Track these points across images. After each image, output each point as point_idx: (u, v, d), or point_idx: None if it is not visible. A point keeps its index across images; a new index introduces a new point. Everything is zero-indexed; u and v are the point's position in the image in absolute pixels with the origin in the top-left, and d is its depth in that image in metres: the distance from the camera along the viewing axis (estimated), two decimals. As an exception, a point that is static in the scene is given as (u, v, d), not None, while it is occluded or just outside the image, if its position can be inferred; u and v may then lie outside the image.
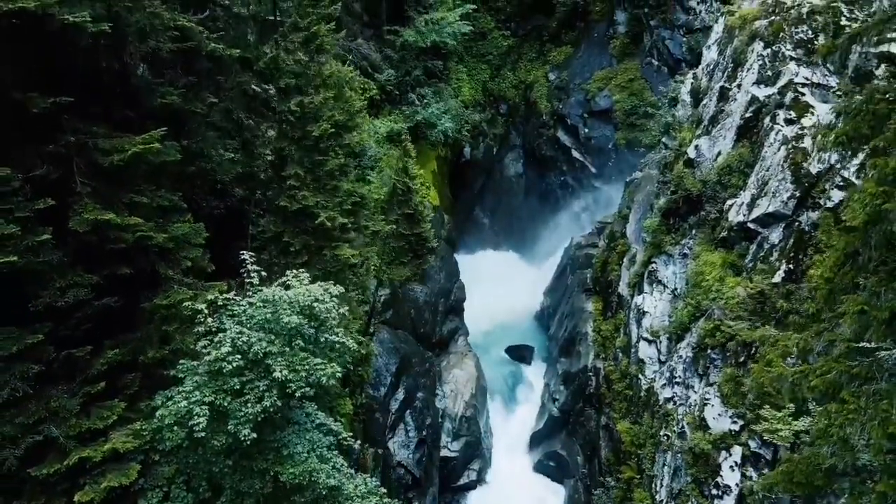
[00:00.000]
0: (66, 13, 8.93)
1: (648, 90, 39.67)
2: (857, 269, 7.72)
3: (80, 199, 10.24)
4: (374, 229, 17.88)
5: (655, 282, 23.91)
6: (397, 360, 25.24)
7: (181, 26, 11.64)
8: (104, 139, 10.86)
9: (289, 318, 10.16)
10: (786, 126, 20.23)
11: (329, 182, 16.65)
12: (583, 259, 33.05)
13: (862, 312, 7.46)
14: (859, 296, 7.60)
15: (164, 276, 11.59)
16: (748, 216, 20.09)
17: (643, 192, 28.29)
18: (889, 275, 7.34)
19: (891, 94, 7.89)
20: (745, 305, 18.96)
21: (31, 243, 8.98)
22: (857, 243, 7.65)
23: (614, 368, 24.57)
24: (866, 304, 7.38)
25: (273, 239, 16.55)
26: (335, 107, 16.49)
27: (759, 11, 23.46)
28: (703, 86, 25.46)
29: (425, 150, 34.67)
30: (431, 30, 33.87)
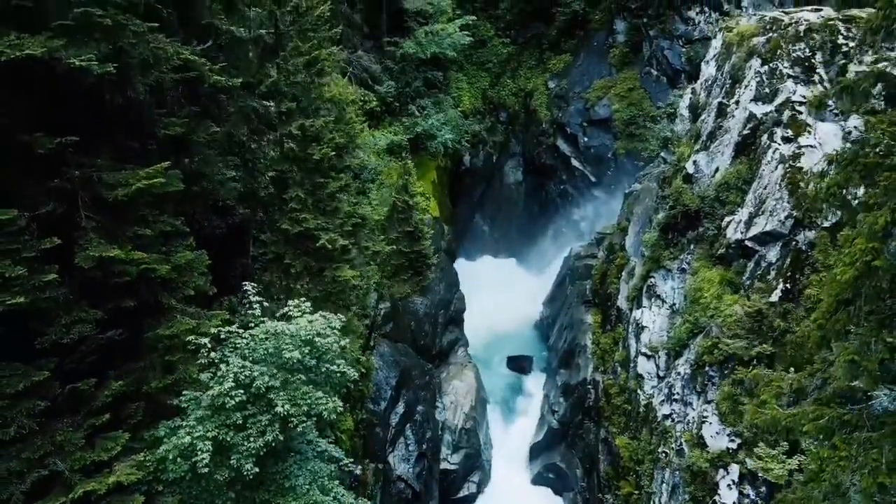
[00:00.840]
0: (72, 56, 9.07)
1: (648, 100, 39.83)
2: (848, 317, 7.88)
3: (84, 233, 10.38)
4: (374, 249, 18.03)
5: (654, 296, 24.05)
6: (397, 374, 25.36)
7: (184, 59, 11.78)
8: (108, 172, 11.00)
9: (291, 354, 10.30)
10: (783, 144, 20.37)
11: (330, 203, 16.80)
12: (582, 270, 33.18)
13: (852, 362, 7.61)
14: (850, 344, 7.74)
15: (167, 305, 11.73)
16: (746, 234, 20.23)
17: (642, 205, 28.42)
18: (879, 325, 7.50)
19: (880, 147, 8.03)
20: (743, 324, 19.10)
21: (37, 283, 9.12)
22: (848, 294, 7.80)
23: (613, 382, 24.71)
24: (857, 353, 7.53)
25: (274, 260, 16.70)
26: (336, 129, 16.64)
27: (756, 28, 23.60)
28: (702, 101, 25.59)
29: (425, 160, 34.83)
30: (431, 41, 34.03)
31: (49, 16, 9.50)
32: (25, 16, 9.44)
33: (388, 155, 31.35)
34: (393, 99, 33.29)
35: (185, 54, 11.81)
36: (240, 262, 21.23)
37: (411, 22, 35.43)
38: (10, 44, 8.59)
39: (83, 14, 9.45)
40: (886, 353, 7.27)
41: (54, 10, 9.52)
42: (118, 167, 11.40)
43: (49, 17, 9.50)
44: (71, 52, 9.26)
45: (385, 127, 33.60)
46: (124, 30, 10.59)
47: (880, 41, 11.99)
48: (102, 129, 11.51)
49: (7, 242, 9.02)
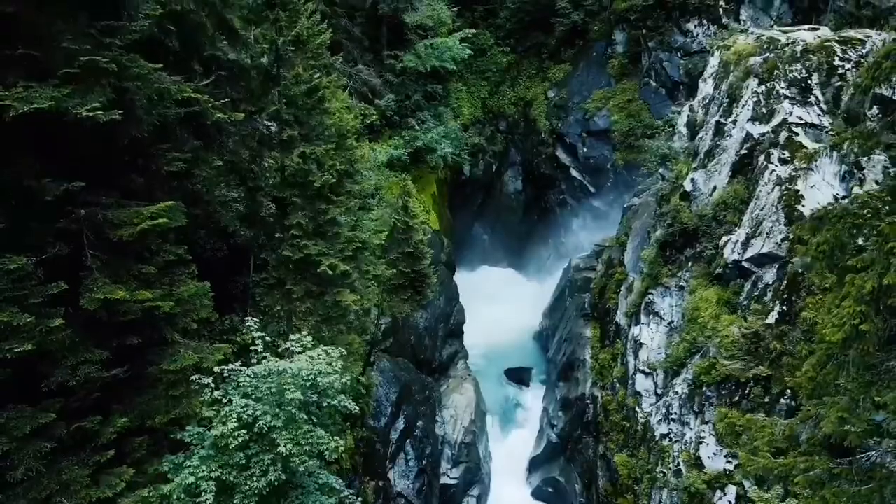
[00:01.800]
0: (79, 106, 9.25)
1: (646, 111, 40.02)
2: (837, 371, 8.05)
3: (90, 273, 10.55)
4: (375, 273, 18.21)
5: (652, 313, 24.22)
6: (398, 390, 25.54)
7: (188, 97, 11.96)
8: (113, 209, 11.17)
9: (293, 395, 10.48)
10: (780, 166, 20.55)
11: (330, 229, 16.98)
12: (581, 282, 33.37)
13: (842, 419, 7.79)
14: (840, 400, 7.92)
15: (170, 339, 11.91)
16: (743, 255, 20.41)
17: (640, 220, 28.59)
18: (867, 384, 7.67)
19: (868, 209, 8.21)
20: (740, 345, 19.28)
21: (44, 328, 9.30)
22: (837, 353, 7.98)
23: (612, 398, 24.89)
24: (846, 411, 7.71)
25: (276, 285, 16.87)
26: (336, 156, 16.81)
27: (753, 48, 23.77)
28: (699, 119, 25.77)
29: (425, 173, 35.03)
30: (431, 55, 34.20)
31: (56, 63, 9.69)
32: (32, 63, 9.63)
33: (389, 169, 31.54)
34: (393, 112, 33.47)
35: (188, 92, 11.98)
36: (241, 280, 21.50)
37: (411, 35, 35.60)
38: (18, 97, 8.76)
39: (89, 62, 9.63)
40: (874, 411, 7.44)
41: (61, 57, 9.70)
42: (123, 203, 11.58)
43: (56, 65, 9.69)
44: (77, 101, 9.43)
45: (385, 140, 33.79)
46: (129, 71, 10.78)
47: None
48: (107, 166, 11.69)
49: (15, 289, 9.19)
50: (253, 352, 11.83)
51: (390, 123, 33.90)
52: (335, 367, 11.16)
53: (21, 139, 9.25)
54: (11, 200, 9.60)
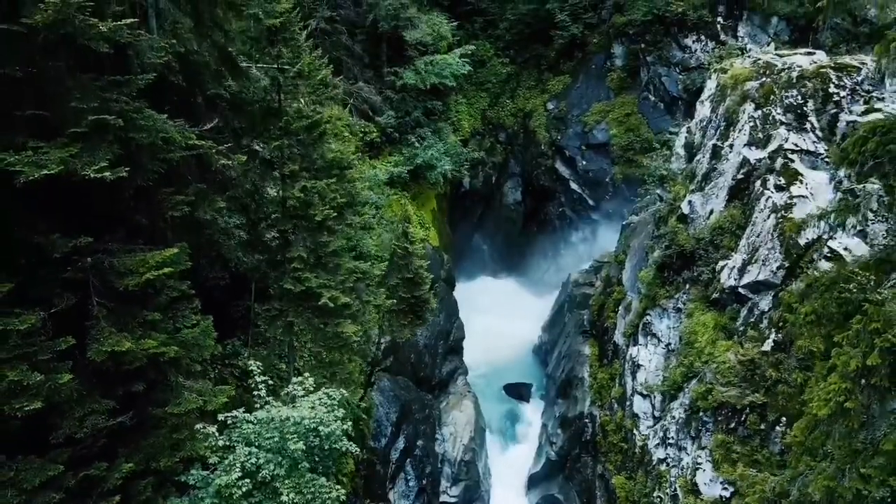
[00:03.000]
0: (87, 166, 9.48)
1: (645, 126, 40.28)
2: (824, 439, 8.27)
3: (96, 322, 10.77)
4: (376, 303, 18.45)
5: (650, 334, 24.45)
6: (398, 409, 25.78)
7: (192, 144, 12.19)
8: (119, 256, 11.39)
9: (296, 446, 10.70)
10: (776, 192, 20.78)
11: (332, 260, 17.20)
12: (580, 298, 33.60)
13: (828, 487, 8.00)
14: (827, 467, 8.14)
15: (174, 382, 12.13)
16: (739, 281, 20.63)
17: (638, 238, 28.81)
18: (853, 454, 7.88)
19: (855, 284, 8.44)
20: (736, 371, 19.51)
21: (53, 385, 9.52)
22: (824, 425, 8.19)
23: (610, 419, 25.11)
24: (832, 480, 7.93)
25: (277, 317, 17.10)
26: (337, 188, 17.04)
27: (750, 72, 24.01)
28: (697, 141, 26.01)
29: (425, 189, 35.24)
30: (431, 72, 34.42)
31: (64, 121, 9.91)
32: (40, 123, 9.86)
33: (389, 187, 31.79)
34: (393, 129, 33.70)
35: (192, 139, 12.20)
36: (242, 304, 21.72)
37: (411, 51, 35.80)
38: (28, 161, 8.99)
39: (96, 121, 9.86)
40: (860, 482, 7.65)
41: (69, 115, 9.93)
42: (129, 248, 11.81)
43: (64, 123, 9.91)
44: (86, 160, 9.66)
45: (385, 156, 34.04)
46: (135, 123, 11.02)
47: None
48: (113, 214, 11.91)
49: (24, 345, 9.41)
50: (256, 396, 12.05)
51: (390, 140, 34.14)
52: (336, 414, 11.38)
53: (30, 198, 9.46)
54: (21, 260, 9.83)
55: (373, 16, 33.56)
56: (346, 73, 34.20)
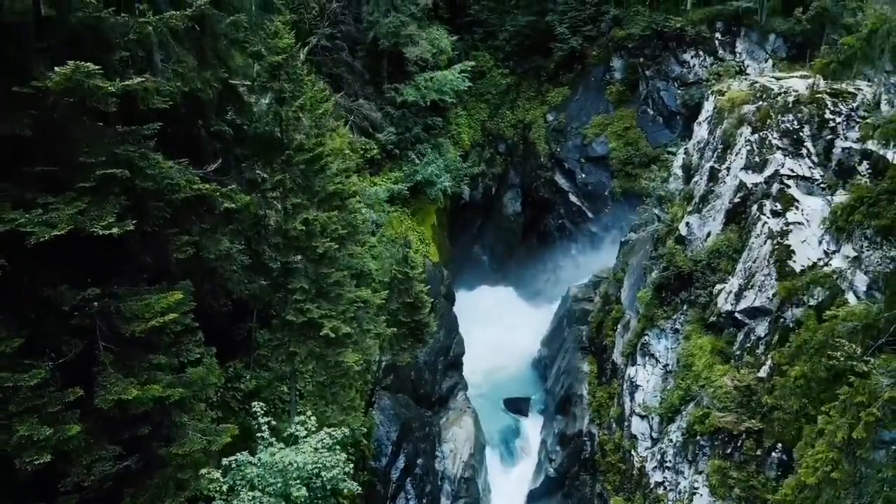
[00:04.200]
0: (95, 222, 9.71)
1: (644, 139, 40.49)
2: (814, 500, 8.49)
3: (103, 368, 11.00)
4: (377, 332, 18.67)
5: (648, 355, 24.68)
6: (398, 428, 25.99)
7: (196, 189, 12.41)
8: (125, 300, 11.62)
9: (298, 493, 10.94)
10: (772, 218, 20.99)
11: (333, 290, 17.42)
12: (579, 314, 33.82)
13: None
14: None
15: (179, 423, 12.36)
16: (735, 306, 20.85)
17: (637, 256, 29.02)
18: (841, 517, 8.17)
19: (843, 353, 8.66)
20: (733, 397, 19.72)
21: (62, 436, 9.75)
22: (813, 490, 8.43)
23: (608, 438, 25.33)
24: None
25: (279, 346, 17.32)
26: (339, 220, 17.26)
27: (746, 95, 24.24)
28: (695, 162, 26.24)
29: (425, 205, 35.45)
30: (431, 88, 34.64)
31: (73, 177, 10.15)
32: (49, 179, 10.09)
33: (389, 204, 32.01)
34: (393, 146, 33.92)
35: (197, 183, 12.43)
36: (243, 326, 21.94)
37: (412, 66, 36.00)
38: (38, 220, 9.22)
39: (104, 175, 10.09)
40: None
41: (77, 170, 10.16)
42: (134, 291, 12.04)
43: (73, 179, 10.15)
44: (94, 215, 9.89)
45: (385, 172, 34.25)
46: (142, 172, 11.25)
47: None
48: (118, 256, 12.13)
49: (34, 398, 9.64)
50: (260, 438, 12.27)
51: (390, 156, 34.36)
52: (338, 457, 11.61)
53: (39, 253, 9.68)
54: (31, 314, 10.06)
55: (373, 33, 33.79)
56: (347, 90, 34.46)
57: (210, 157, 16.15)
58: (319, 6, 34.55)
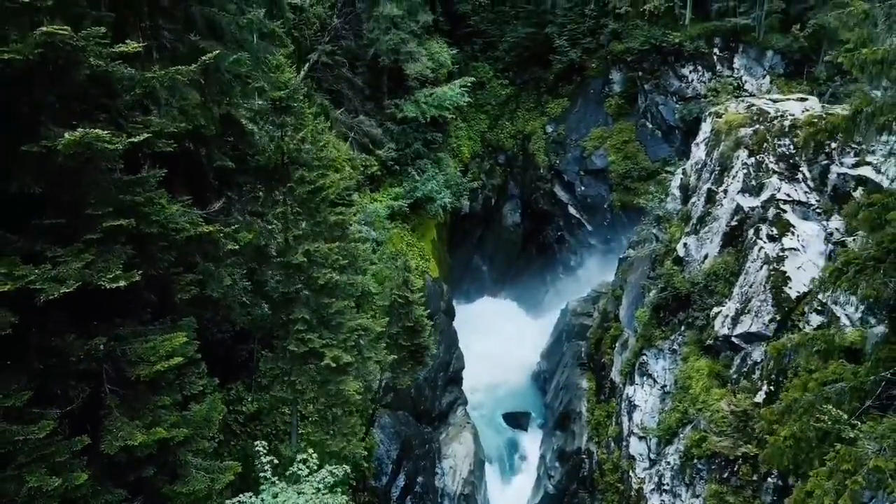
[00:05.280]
0: (102, 276, 9.93)
1: (643, 153, 40.77)
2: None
3: (109, 412, 11.22)
4: (377, 359, 18.89)
5: (646, 375, 24.89)
6: (398, 446, 26.20)
7: (201, 232, 12.62)
8: (130, 342, 11.83)
9: (301, 537, 11.19)
10: (768, 243, 21.21)
11: (334, 318, 17.63)
12: (578, 329, 34.07)
13: None
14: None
15: (183, 461, 12.56)
16: (732, 331, 21.06)
17: (635, 274, 29.23)
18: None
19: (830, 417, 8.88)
20: (729, 421, 19.95)
21: (70, 485, 9.96)
22: None
23: (607, 457, 25.55)
24: None
25: (280, 376, 17.55)
26: (340, 250, 17.48)
27: (743, 118, 24.44)
28: (692, 183, 26.45)
29: (425, 220, 35.67)
30: (431, 104, 34.87)
31: (80, 229, 10.37)
32: (57, 231, 10.31)
33: (389, 220, 32.24)
34: (393, 162, 34.16)
35: (201, 226, 12.64)
36: (245, 347, 22.17)
37: (412, 82, 36.21)
38: (47, 276, 9.45)
39: (110, 227, 10.31)
40: None
41: (84, 222, 10.38)
42: (139, 332, 12.25)
43: (80, 230, 10.37)
44: (101, 266, 10.12)
45: (385, 188, 34.48)
46: (147, 219, 11.47)
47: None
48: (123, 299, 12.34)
49: (42, 448, 9.85)
50: (263, 478, 12.50)
51: (390, 172, 34.59)
52: (339, 500, 11.84)
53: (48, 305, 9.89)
54: (39, 365, 10.28)
55: (373, 50, 34.01)
56: (347, 105, 34.72)
57: (212, 192, 16.41)
58: (320, 22, 34.80)
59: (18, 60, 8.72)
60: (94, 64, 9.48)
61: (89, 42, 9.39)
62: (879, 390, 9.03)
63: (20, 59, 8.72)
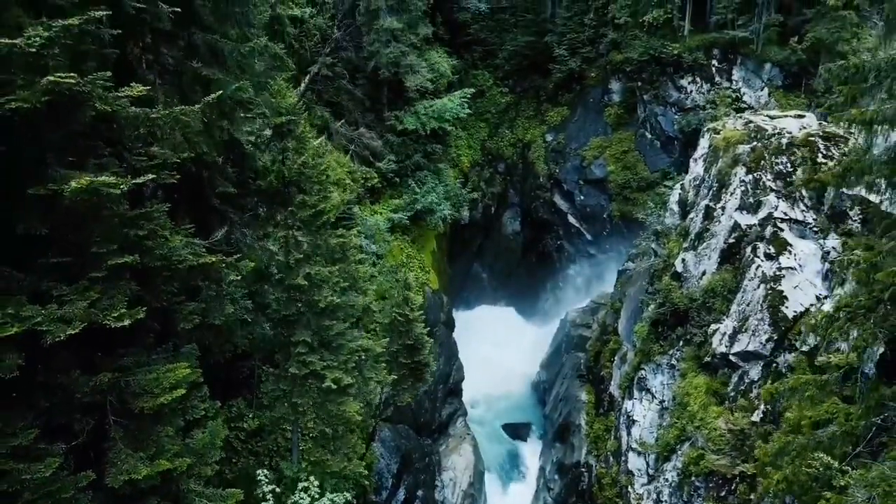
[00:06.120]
0: (107, 315, 10.10)
1: (642, 163, 40.89)
2: None
3: (114, 444, 11.38)
4: (377, 380, 19.05)
5: (644, 389, 25.06)
6: (398, 460, 26.36)
7: (203, 263, 12.79)
8: (134, 373, 11.99)
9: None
10: (765, 261, 21.38)
11: (335, 340, 17.80)
12: (577, 340, 34.23)
13: None
14: None
15: (186, 489, 12.73)
16: (730, 349, 21.23)
17: (634, 287, 29.40)
18: None
19: (821, 465, 9.05)
20: (727, 440, 20.12)
21: (76, 521, 10.14)
22: None
23: (605, 472, 25.71)
24: None
25: (281, 397, 17.70)
26: (341, 272, 17.65)
27: (741, 135, 24.61)
28: (690, 199, 26.61)
29: (425, 231, 35.82)
30: (431, 116, 35.03)
31: (85, 266, 10.53)
32: (63, 269, 10.47)
33: (389, 233, 32.40)
34: (394, 174, 34.32)
35: (205, 257, 12.80)
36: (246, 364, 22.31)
37: (412, 93, 36.36)
38: (53, 317, 9.61)
39: (114, 265, 10.47)
40: None
41: (89, 260, 10.54)
42: (143, 361, 12.41)
43: (85, 268, 10.53)
44: (105, 304, 10.28)
45: (385, 200, 34.64)
46: (152, 254, 11.64)
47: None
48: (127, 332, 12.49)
49: (48, 484, 10.01)
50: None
51: (391, 184, 34.75)
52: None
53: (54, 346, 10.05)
54: (46, 403, 10.44)
55: (374, 62, 34.16)
56: (348, 118, 34.87)
57: (215, 214, 16.58)
58: (321, 34, 34.97)
59: (25, 108, 8.88)
60: (100, 108, 9.64)
61: (95, 87, 9.55)
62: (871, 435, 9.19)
63: (27, 106, 8.88)
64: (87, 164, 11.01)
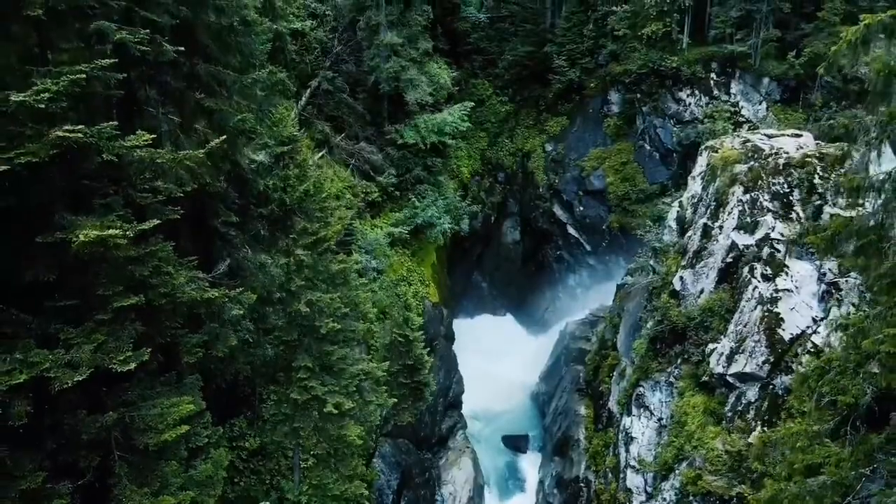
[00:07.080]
0: (113, 358, 10.30)
1: (641, 175, 41.06)
2: None
3: (119, 480, 11.58)
4: (378, 403, 19.24)
5: (643, 407, 25.23)
6: (399, 476, 26.56)
7: (207, 299, 12.98)
8: (139, 408, 12.19)
9: None
10: (762, 282, 21.57)
11: (336, 364, 17.99)
12: (576, 353, 34.41)
13: None
14: None
15: (190, 518, 12.93)
16: (727, 369, 21.41)
17: (632, 303, 29.57)
18: None
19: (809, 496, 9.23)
20: (724, 461, 20.31)
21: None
22: None
23: (604, 488, 25.90)
24: None
25: (282, 422, 17.89)
26: (342, 298, 17.83)
27: (739, 155, 24.79)
28: (688, 217, 26.79)
29: (425, 244, 36.01)
30: (431, 130, 35.21)
31: (91, 308, 10.73)
32: (70, 311, 10.68)
33: (389, 247, 32.59)
34: (394, 188, 34.50)
35: (208, 293, 12.99)
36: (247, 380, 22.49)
37: (412, 106, 36.55)
38: (60, 362, 9.82)
39: (120, 308, 10.67)
40: None
41: (96, 303, 10.74)
42: (147, 395, 12.61)
43: (91, 310, 10.73)
44: (111, 346, 10.49)
45: (386, 214, 34.83)
46: (156, 291, 11.84)
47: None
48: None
49: (56, 523, 10.24)
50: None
51: (391, 198, 34.94)
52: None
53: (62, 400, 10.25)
54: (53, 444, 10.64)
55: (374, 77, 34.37)
56: (348, 131, 35.09)
57: (216, 244, 16.77)
58: (322, 47, 35.19)
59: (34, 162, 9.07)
60: (106, 158, 9.84)
61: (101, 137, 9.75)
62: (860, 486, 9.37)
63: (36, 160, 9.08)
64: (93, 204, 11.23)
